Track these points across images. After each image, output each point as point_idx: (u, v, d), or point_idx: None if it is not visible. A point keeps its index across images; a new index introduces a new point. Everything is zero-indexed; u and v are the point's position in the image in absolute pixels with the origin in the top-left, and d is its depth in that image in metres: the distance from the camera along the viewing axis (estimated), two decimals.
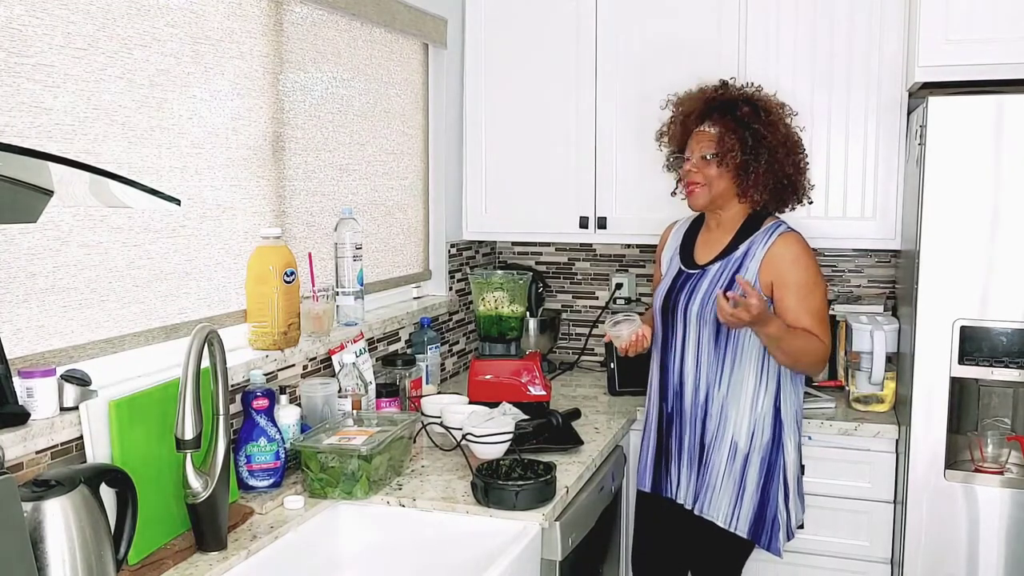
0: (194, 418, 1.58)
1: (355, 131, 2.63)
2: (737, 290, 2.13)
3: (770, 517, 2.22)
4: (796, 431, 2.29)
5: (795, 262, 2.20)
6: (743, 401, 2.22)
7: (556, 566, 1.93)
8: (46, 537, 1.35)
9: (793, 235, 2.25)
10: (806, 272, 2.21)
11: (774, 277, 2.20)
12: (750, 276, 2.21)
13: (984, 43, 2.33)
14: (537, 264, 3.53)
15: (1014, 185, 2.24)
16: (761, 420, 2.22)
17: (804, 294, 2.19)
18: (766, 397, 2.23)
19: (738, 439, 2.22)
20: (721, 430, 2.24)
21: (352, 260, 2.41)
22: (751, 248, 2.24)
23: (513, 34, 3.10)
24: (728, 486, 2.23)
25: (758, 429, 2.22)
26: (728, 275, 2.23)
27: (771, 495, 2.22)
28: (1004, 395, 2.43)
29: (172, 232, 1.95)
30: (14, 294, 1.59)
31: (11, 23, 1.55)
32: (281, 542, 1.77)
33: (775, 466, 2.23)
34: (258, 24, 2.18)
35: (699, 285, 2.27)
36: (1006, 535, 2.32)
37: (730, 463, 2.23)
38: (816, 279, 2.22)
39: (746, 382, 2.23)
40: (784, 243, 2.22)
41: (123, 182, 1.22)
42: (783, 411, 2.24)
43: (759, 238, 2.24)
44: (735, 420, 2.23)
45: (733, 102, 2.27)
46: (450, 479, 2.07)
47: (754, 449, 2.22)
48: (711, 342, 2.25)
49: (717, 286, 2.22)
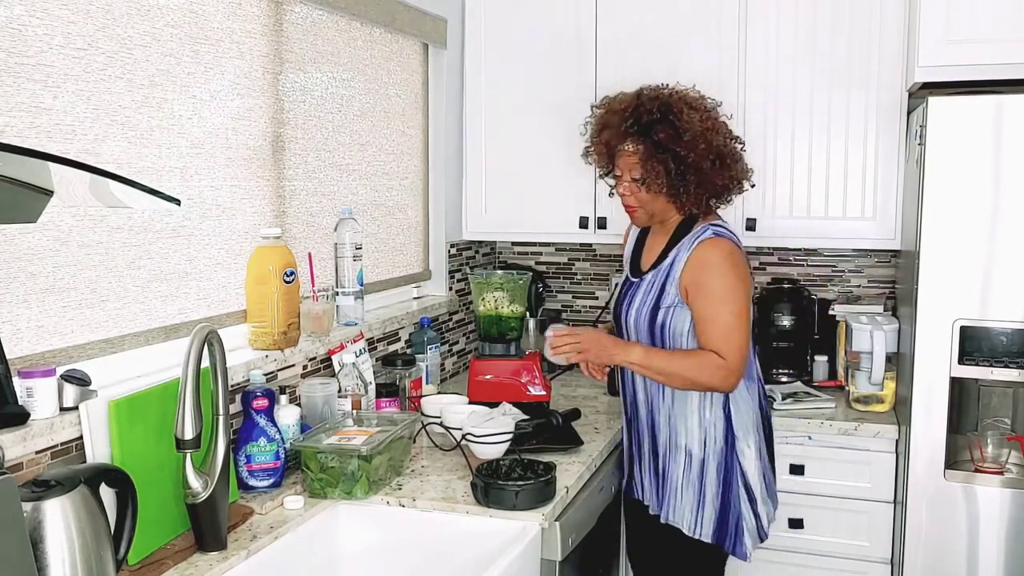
0: (194, 418, 1.58)
1: (355, 131, 2.63)
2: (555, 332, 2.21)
3: (733, 522, 2.19)
4: (757, 434, 2.21)
5: (709, 268, 2.11)
6: (689, 410, 2.19)
7: (556, 566, 1.93)
8: (46, 537, 1.35)
9: (715, 241, 2.13)
10: (720, 280, 2.10)
11: (689, 283, 2.12)
12: (674, 282, 2.15)
13: (984, 43, 2.33)
14: (537, 264, 3.53)
15: (1014, 185, 2.24)
16: (712, 428, 2.18)
17: (714, 303, 2.10)
18: (713, 406, 2.17)
19: (691, 447, 2.19)
20: (674, 439, 2.21)
21: (352, 260, 2.41)
22: (679, 254, 2.16)
23: (513, 34, 3.10)
24: (689, 494, 2.20)
25: (710, 437, 2.18)
26: (660, 283, 2.18)
27: (732, 500, 2.18)
28: (1004, 395, 2.43)
29: (172, 232, 1.95)
30: (14, 294, 1.59)
31: (11, 23, 1.55)
32: (281, 542, 1.77)
33: (732, 472, 2.18)
34: (258, 24, 2.18)
35: (636, 293, 2.23)
36: (1006, 535, 2.32)
37: (687, 471, 2.20)
38: (730, 289, 2.10)
39: (690, 392, 2.18)
40: (704, 248, 2.13)
41: (123, 182, 1.22)
42: (735, 418, 2.18)
43: (686, 243, 2.16)
44: (685, 429, 2.19)
45: (649, 125, 2.12)
46: (450, 479, 2.07)
47: (709, 456, 2.18)
48: None
49: (650, 295, 2.19)
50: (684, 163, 2.10)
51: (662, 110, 2.12)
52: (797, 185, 2.85)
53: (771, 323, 3.02)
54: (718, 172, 2.14)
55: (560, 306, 3.50)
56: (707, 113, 2.16)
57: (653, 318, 2.18)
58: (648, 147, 2.12)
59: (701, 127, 2.11)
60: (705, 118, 2.14)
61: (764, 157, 2.86)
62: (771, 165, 2.87)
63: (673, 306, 2.16)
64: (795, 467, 2.66)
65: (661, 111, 2.12)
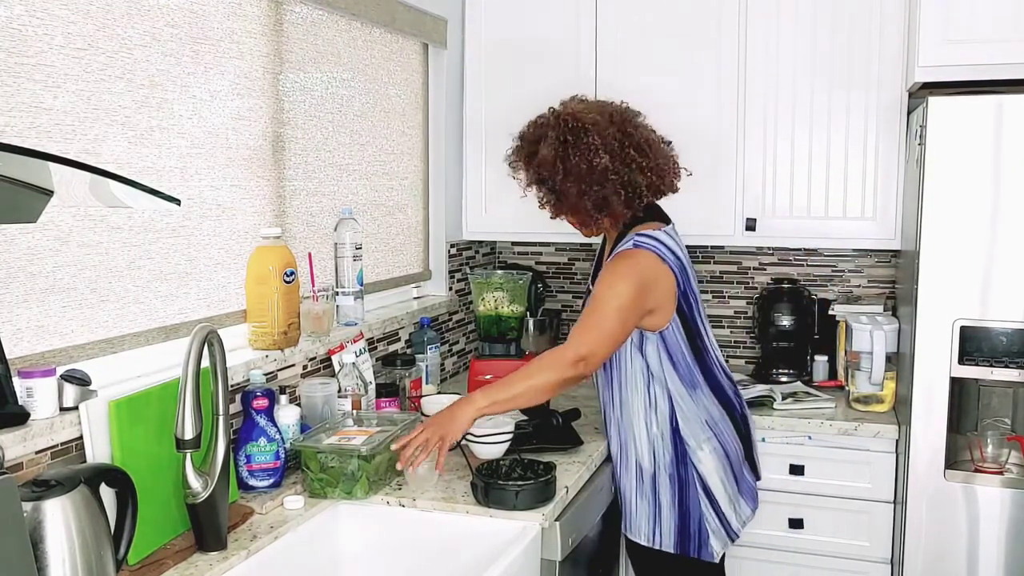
0: (194, 418, 1.58)
1: (355, 131, 2.63)
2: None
3: (695, 527, 2.17)
4: (713, 437, 2.18)
5: (608, 272, 2.12)
6: (636, 423, 2.19)
7: (556, 566, 1.93)
8: (46, 537, 1.35)
9: (629, 252, 2.11)
10: (607, 284, 2.09)
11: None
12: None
13: (984, 43, 2.33)
14: (537, 264, 3.53)
15: (1014, 185, 2.24)
16: (660, 440, 2.17)
17: (593, 303, 2.10)
18: (659, 419, 2.17)
19: (641, 461, 2.19)
20: (624, 452, 2.22)
21: (352, 260, 2.41)
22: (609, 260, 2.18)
23: (513, 34, 3.09)
24: (643, 508, 2.20)
25: (659, 449, 2.18)
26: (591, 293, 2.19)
27: (690, 507, 2.17)
28: (1004, 395, 2.43)
29: (172, 232, 1.95)
30: (14, 294, 1.59)
31: (11, 23, 1.55)
32: (281, 542, 1.77)
33: (687, 481, 2.16)
34: (258, 24, 2.18)
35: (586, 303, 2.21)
36: (1006, 535, 2.32)
37: (639, 485, 2.20)
38: (611, 294, 2.07)
39: (635, 405, 2.19)
40: (616, 259, 2.13)
41: (123, 182, 1.22)
42: (683, 428, 2.16)
43: (616, 251, 2.17)
44: (635, 442, 2.20)
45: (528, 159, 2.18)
46: (450, 479, 2.07)
47: (659, 468, 2.17)
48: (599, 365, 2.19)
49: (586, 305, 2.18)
50: (554, 192, 2.15)
51: (536, 144, 2.17)
52: (797, 185, 2.85)
53: (771, 323, 3.02)
54: (589, 193, 2.11)
55: (560, 306, 3.50)
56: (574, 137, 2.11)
57: None
58: (532, 180, 2.20)
59: (555, 156, 2.11)
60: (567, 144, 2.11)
61: (764, 157, 2.87)
62: (771, 165, 2.87)
63: None
64: (795, 467, 2.66)
65: (535, 145, 2.18)
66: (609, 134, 2.12)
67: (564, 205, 2.17)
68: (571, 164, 2.10)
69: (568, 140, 2.11)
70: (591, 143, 2.10)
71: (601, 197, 2.12)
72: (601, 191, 2.11)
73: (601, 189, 2.10)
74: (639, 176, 2.13)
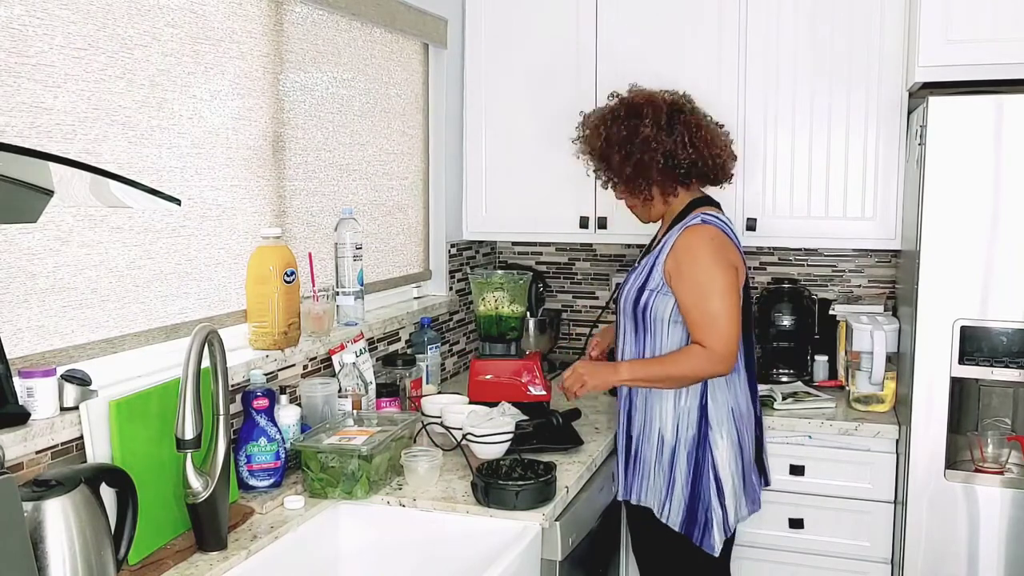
0: (194, 418, 1.58)
1: (355, 131, 2.63)
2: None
3: (702, 513, 2.18)
4: (733, 428, 2.21)
5: (690, 254, 2.15)
6: (665, 396, 2.22)
7: (556, 566, 1.93)
8: (46, 537, 1.35)
9: (699, 227, 2.17)
10: (700, 267, 2.13)
11: (672, 268, 2.16)
12: (660, 266, 2.19)
13: (984, 43, 2.33)
14: (537, 264, 3.53)
15: (1014, 185, 2.24)
16: (685, 416, 2.20)
17: (694, 289, 2.14)
18: (689, 395, 2.20)
19: (664, 432, 2.22)
20: (648, 423, 2.24)
21: (352, 260, 2.41)
22: (667, 240, 2.21)
23: (513, 34, 3.10)
24: (659, 477, 2.23)
25: (682, 424, 2.20)
26: (648, 267, 2.23)
27: (701, 491, 2.18)
28: (1004, 395, 2.43)
29: (172, 232, 1.95)
30: (14, 294, 1.59)
31: (11, 23, 1.55)
32: (281, 542, 1.77)
33: (703, 463, 2.18)
34: (258, 24, 2.18)
35: (630, 277, 2.30)
36: (1006, 535, 2.32)
37: (659, 456, 2.23)
38: (711, 277, 2.13)
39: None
40: (687, 235, 2.17)
41: (123, 182, 1.22)
42: (711, 409, 2.19)
43: (676, 230, 2.21)
44: (660, 414, 2.22)
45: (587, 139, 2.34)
46: (450, 479, 2.07)
47: (680, 444, 2.20)
48: (632, 335, 2.27)
49: (639, 279, 2.25)
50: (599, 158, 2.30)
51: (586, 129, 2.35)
52: (797, 185, 2.85)
53: (771, 323, 3.02)
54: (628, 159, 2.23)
55: (560, 306, 3.50)
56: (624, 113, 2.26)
57: (637, 300, 2.23)
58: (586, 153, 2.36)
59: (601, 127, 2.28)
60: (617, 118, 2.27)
61: (764, 157, 2.87)
62: (771, 165, 2.87)
63: (656, 290, 2.20)
64: (795, 467, 2.66)
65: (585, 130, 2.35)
66: (659, 108, 2.25)
67: (610, 171, 2.29)
68: (611, 132, 2.25)
69: (620, 115, 2.26)
70: (640, 113, 2.24)
71: (641, 163, 2.21)
72: (640, 157, 2.21)
73: (641, 156, 2.21)
74: (680, 149, 2.22)
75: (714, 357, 2.12)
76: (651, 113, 2.22)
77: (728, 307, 2.14)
